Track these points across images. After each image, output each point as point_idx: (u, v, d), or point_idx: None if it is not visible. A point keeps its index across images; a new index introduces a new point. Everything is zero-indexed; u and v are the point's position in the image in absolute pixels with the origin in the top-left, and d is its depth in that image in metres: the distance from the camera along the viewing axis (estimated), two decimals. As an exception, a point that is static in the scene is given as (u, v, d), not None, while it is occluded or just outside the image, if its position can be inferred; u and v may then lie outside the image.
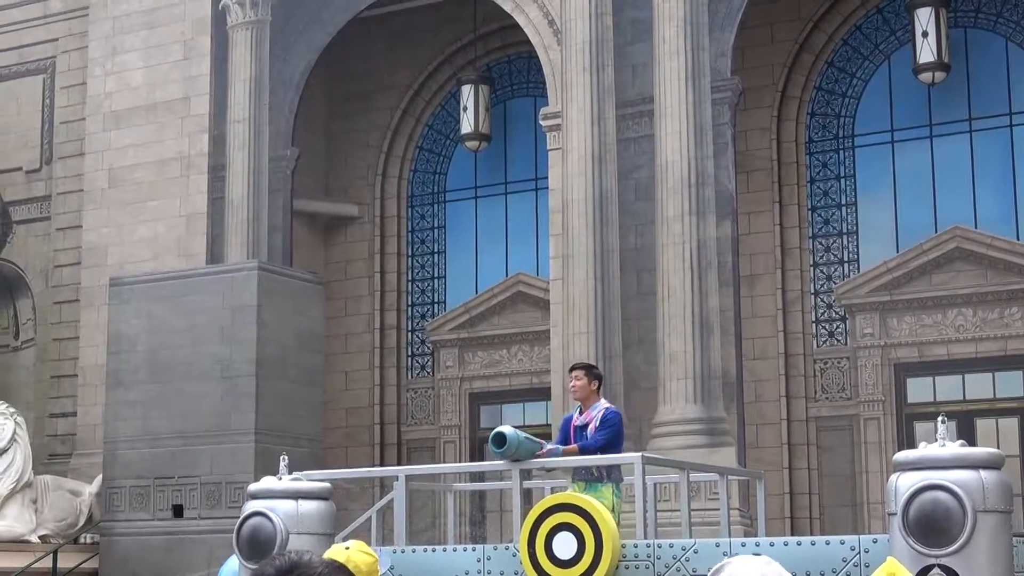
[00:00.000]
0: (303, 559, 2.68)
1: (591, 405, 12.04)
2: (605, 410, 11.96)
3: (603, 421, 11.81)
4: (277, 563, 2.67)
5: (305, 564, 2.65)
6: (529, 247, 23.53)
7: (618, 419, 11.97)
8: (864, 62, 22.14)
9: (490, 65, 24.60)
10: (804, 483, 21.22)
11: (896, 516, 9.11)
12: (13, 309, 25.68)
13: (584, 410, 12.10)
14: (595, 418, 11.87)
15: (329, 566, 2.67)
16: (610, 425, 11.80)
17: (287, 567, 2.64)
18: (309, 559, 2.68)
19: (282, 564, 2.66)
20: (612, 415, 11.94)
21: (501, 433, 11.37)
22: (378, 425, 24.28)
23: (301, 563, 2.66)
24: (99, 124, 23.24)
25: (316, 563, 2.67)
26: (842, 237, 21.90)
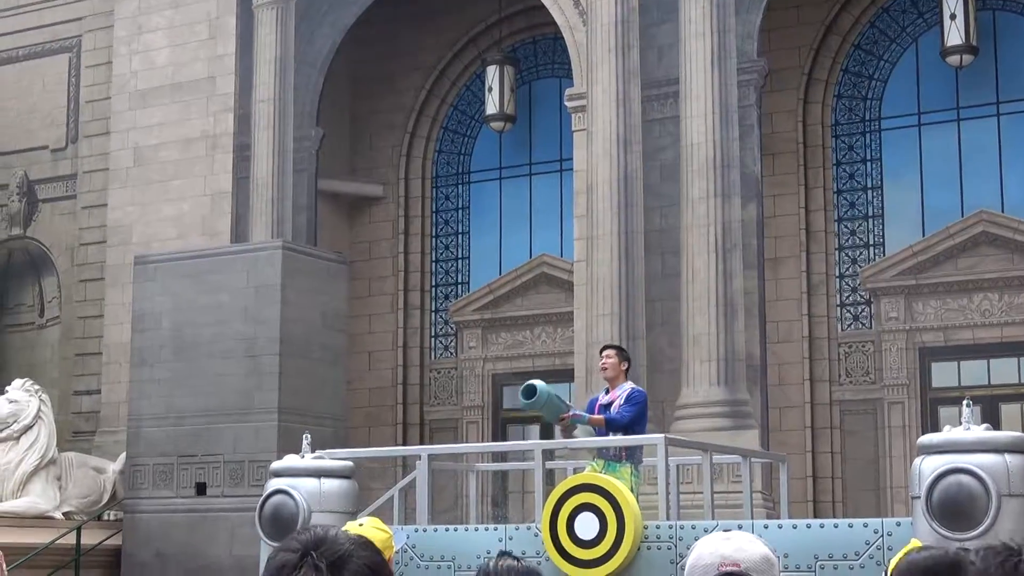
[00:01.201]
0: (328, 534, 2.63)
1: (617, 386, 12.04)
2: (631, 389, 11.97)
3: (628, 399, 11.81)
4: (302, 538, 2.62)
5: (331, 540, 2.61)
6: (553, 228, 23.50)
7: (643, 398, 11.97)
8: (891, 44, 22.03)
9: (515, 46, 24.55)
10: (827, 467, 21.17)
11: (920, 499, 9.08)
12: (38, 287, 25.77)
13: (611, 390, 12.11)
14: (620, 396, 11.87)
15: (355, 542, 2.62)
16: (635, 403, 11.80)
17: (313, 543, 2.59)
18: (335, 535, 2.63)
19: (307, 539, 2.60)
20: (637, 393, 11.94)
21: (532, 385, 11.42)
22: (401, 405, 24.31)
23: (327, 539, 2.61)
24: (124, 103, 23.28)
25: (342, 539, 2.62)
26: (868, 220, 21.81)
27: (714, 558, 3.32)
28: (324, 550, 2.57)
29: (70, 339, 24.48)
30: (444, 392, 24.33)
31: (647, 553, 10.21)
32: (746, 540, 3.38)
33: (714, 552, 3.34)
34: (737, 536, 3.39)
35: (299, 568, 2.55)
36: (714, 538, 3.39)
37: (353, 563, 2.56)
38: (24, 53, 26.02)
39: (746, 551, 3.33)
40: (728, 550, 3.33)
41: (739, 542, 3.36)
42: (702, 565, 3.33)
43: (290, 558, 2.57)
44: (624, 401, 11.79)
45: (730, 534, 3.40)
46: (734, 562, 3.29)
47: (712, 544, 3.37)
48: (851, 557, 9.41)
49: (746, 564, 3.30)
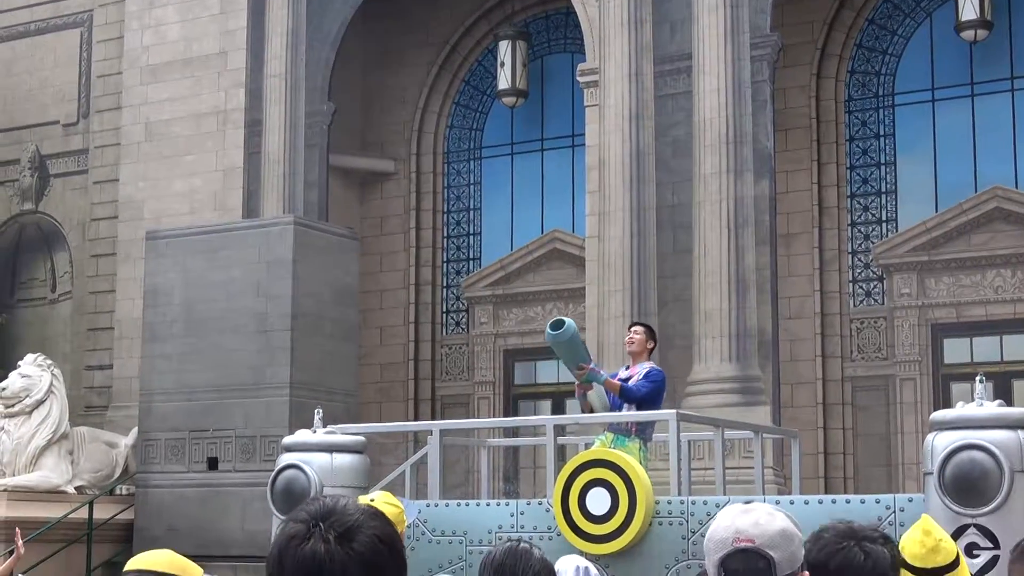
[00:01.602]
0: (338, 505, 2.57)
1: (639, 363, 12.00)
2: (651, 368, 11.93)
3: (647, 375, 11.77)
4: (311, 509, 2.56)
5: (340, 510, 2.54)
6: (565, 204, 23.46)
7: (661, 377, 11.94)
8: (905, 19, 21.92)
9: (527, 21, 24.48)
10: (839, 443, 21.15)
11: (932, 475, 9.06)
12: (50, 262, 25.80)
13: (631, 366, 12.07)
14: (639, 373, 11.83)
15: (365, 512, 2.56)
16: (653, 380, 11.77)
17: (322, 513, 2.53)
18: (345, 505, 2.57)
19: (316, 510, 2.55)
20: (656, 372, 11.91)
21: (561, 319, 11.40)
22: (412, 381, 24.32)
23: (336, 509, 2.55)
24: (136, 78, 23.26)
25: (352, 509, 2.56)
26: (881, 196, 21.75)
27: (729, 532, 3.25)
28: (333, 521, 2.51)
29: (82, 314, 24.51)
30: (455, 368, 24.33)
31: (658, 528, 10.20)
32: (764, 513, 3.29)
33: (730, 525, 3.26)
34: (756, 509, 3.30)
35: (308, 539, 2.50)
36: (733, 510, 3.31)
37: (363, 534, 2.50)
38: (36, 28, 26.01)
39: (762, 525, 3.24)
40: (744, 524, 3.25)
41: (757, 515, 3.27)
42: (717, 539, 3.26)
43: (299, 529, 2.51)
44: (643, 377, 11.76)
45: (750, 506, 3.31)
46: (748, 537, 3.22)
47: (729, 516, 3.29)
48: (863, 533, 9.39)
49: (761, 540, 3.22)
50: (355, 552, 2.48)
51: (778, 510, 3.30)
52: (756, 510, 3.28)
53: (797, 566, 3.26)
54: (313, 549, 2.48)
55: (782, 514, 3.30)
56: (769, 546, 3.21)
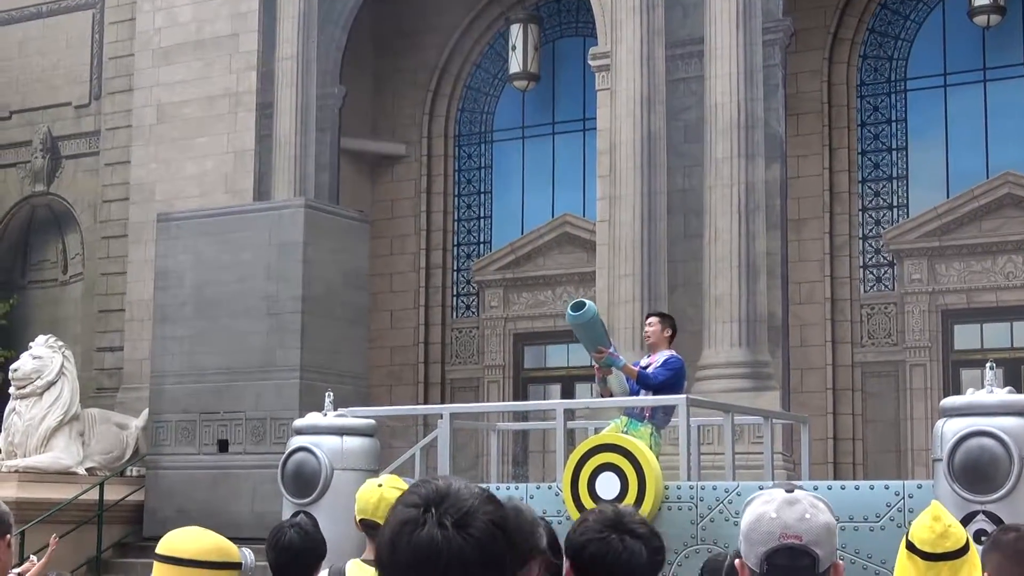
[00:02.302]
0: (452, 488, 2.44)
1: (659, 352, 12.00)
2: (670, 355, 11.92)
3: (664, 363, 11.77)
4: (423, 492, 2.44)
5: (455, 494, 2.43)
6: (576, 188, 23.45)
7: (680, 365, 11.92)
8: (918, 4, 21.86)
9: (539, 4, 24.44)
10: (848, 428, 21.16)
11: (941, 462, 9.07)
12: (62, 244, 25.85)
13: (651, 355, 12.07)
14: (657, 361, 11.83)
15: (479, 496, 2.44)
16: (670, 368, 11.76)
17: (435, 497, 2.42)
18: (458, 488, 2.44)
19: (429, 493, 2.43)
20: (674, 360, 11.89)
21: (582, 301, 11.40)
22: (422, 364, 24.35)
23: (451, 492, 2.43)
24: (148, 60, 23.28)
25: (466, 493, 2.44)
26: (892, 181, 21.72)
27: (776, 526, 3.15)
28: (448, 506, 2.40)
29: (93, 296, 24.56)
30: (465, 351, 24.35)
31: (668, 513, 10.22)
32: (809, 506, 3.19)
33: (776, 519, 3.16)
34: (801, 501, 3.19)
35: (423, 525, 2.39)
36: (775, 499, 3.20)
37: (479, 519, 2.40)
38: (48, 9, 26.03)
39: (808, 521, 3.15)
40: (791, 518, 3.15)
41: (802, 508, 3.17)
42: (764, 531, 3.17)
43: (412, 514, 2.41)
44: (660, 364, 11.75)
45: (794, 496, 3.21)
46: (796, 534, 3.13)
47: (774, 507, 3.19)
48: (872, 519, 9.40)
49: (807, 537, 3.14)
50: (472, 538, 2.38)
51: (819, 499, 3.23)
52: (801, 502, 3.19)
53: (835, 557, 3.22)
54: (429, 535, 2.38)
55: (823, 504, 3.23)
56: (815, 543, 3.15)
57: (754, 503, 3.22)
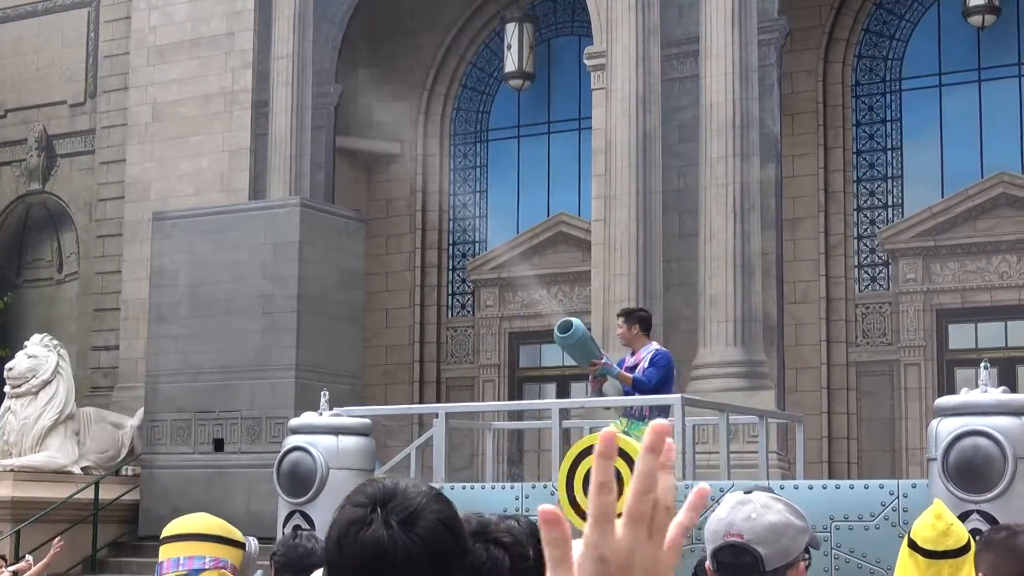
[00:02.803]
0: (399, 487, 2.43)
1: (641, 347, 12.01)
2: (655, 351, 11.93)
3: (652, 361, 11.78)
4: (371, 491, 2.44)
5: (402, 493, 2.42)
6: (571, 187, 23.45)
7: (667, 359, 11.94)
8: (913, 4, 21.88)
9: (535, 3, 24.44)
10: (843, 428, 21.18)
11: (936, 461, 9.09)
12: (57, 242, 25.84)
13: (634, 353, 12.08)
14: (644, 359, 11.84)
15: (426, 495, 2.45)
16: (660, 365, 11.77)
17: (383, 496, 2.41)
18: (406, 487, 2.44)
19: (376, 492, 2.43)
20: (661, 356, 11.90)
21: (569, 320, 11.40)
22: (418, 363, 24.35)
23: (398, 491, 2.42)
24: (143, 58, 23.27)
25: (413, 492, 2.43)
26: (887, 181, 21.74)
27: (722, 525, 3.26)
28: (395, 505, 2.40)
29: (88, 295, 24.55)
30: (461, 350, 24.36)
31: (662, 512, 10.23)
32: (759, 505, 3.27)
33: (724, 518, 3.27)
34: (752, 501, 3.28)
35: (369, 524, 2.40)
36: (731, 500, 3.31)
37: (426, 518, 2.40)
38: (43, 7, 26.01)
39: (753, 520, 3.23)
40: (737, 517, 3.24)
41: (751, 508, 3.26)
42: (712, 530, 3.28)
43: (359, 513, 2.41)
44: (648, 364, 11.76)
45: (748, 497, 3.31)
46: (738, 532, 3.22)
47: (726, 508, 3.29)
48: (866, 518, 9.42)
49: (749, 535, 3.22)
50: (419, 537, 2.39)
51: (776, 500, 3.29)
52: (752, 502, 3.27)
53: (792, 557, 3.26)
54: (376, 534, 2.38)
55: (780, 504, 3.29)
56: (757, 541, 3.21)
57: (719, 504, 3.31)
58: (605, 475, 1.55)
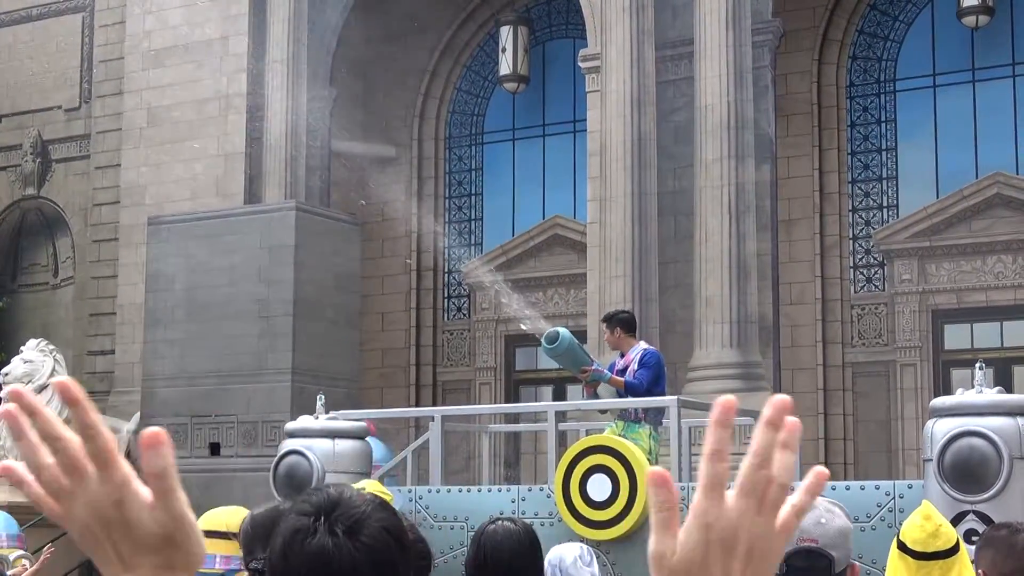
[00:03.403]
0: (344, 495, 2.43)
1: (629, 348, 12.02)
2: (643, 351, 11.94)
3: (641, 362, 11.79)
4: (315, 500, 2.43)
5: (347, 501, 2.42)
6: (567, 190, 23.46)
7: (656, 359, 11.94)
8: (907, 5, 21.91)
9: (529, 6, 24.46)
10: (839, 429, 21.19)
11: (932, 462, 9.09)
12: (52, 247, 25.83)
13: (624, 355, 12.09)
14: (633, 360, 11.85)
15: (371, 503, 2.44)
16: (649, 365, 11.78)
17: (327, 505, 2.41)
18: (350, 496, 2.44)
19: (321, 501, 2.42)
20: (650, 355, 11.91)
21: (556, 331, 11.43)
22: (414, 366, 24.35)
23: (342, 500, 2.42)
24: (138, 63, 23.27)
25: (357, 500, 2.43)
26: (882, 182, 21.76)
27: None
28: (339, 513, 2.39)
29: (84, 299, 24.54)
30: (457, 353, 24.36)
31: (659, 514, 10.24)
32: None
33: None
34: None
35: (314, 533, 2.38)
36: None
37: (371, 526, 2.40)
38: (38, 12, 26.01)
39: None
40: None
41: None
42: None
43: (303, 522, 2.40)
44: (638, 365, 11.77)
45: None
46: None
47: None
48: (862, 519, 9.43)
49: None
50: (364, 545, 2.38)
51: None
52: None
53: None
54: (321, 543, 2.38)
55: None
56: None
57: None
58: (718, 443, 1.54)
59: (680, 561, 1.49)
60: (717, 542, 1.50)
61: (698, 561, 1.49)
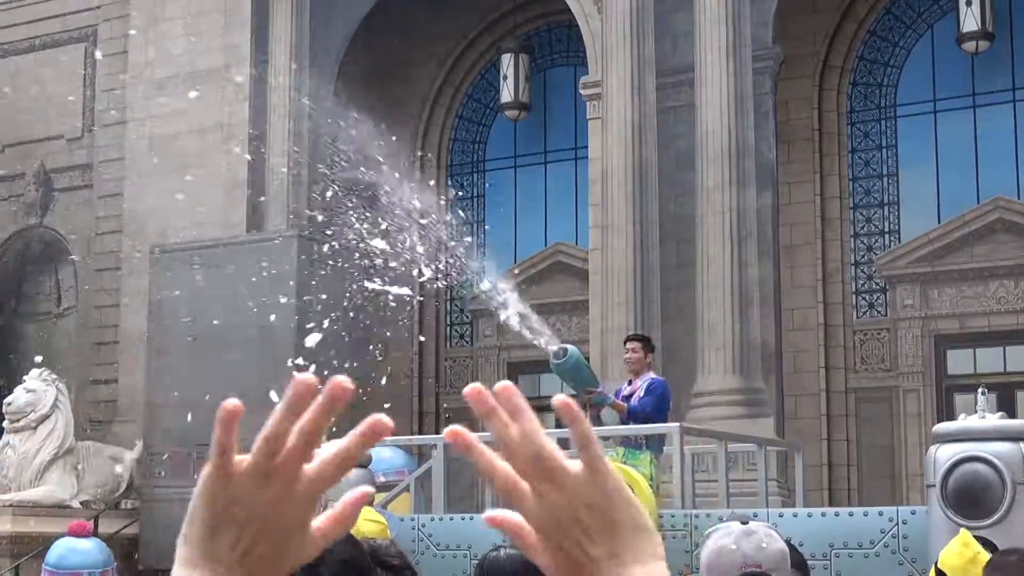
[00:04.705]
0: None
1: (640, 376, 12.05)
2: (651, 380, 11.97)
3: (648, 390, 11.82)
4: None
5: None
6: (568, 217, 23.49)
7: (663, 388, 11.97)
8: (906, 31, 21.97)
9: (530, 34, 24.53)
10: (842, 455, 21.16)
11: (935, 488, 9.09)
12: (55, 277, 25.85)
13: (633, 381, 12.12)
14: (640, 388, 11.88)
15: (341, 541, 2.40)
16: (656, 393, 11.80)
17: None
18: None
19: None
20: (657, 384, 11.95)
21: (564, 347, 11.46)
22: (416, 397, 24.33)
23: None
24: (140, 92, 23.33)
25: None
26: (883, 208, 21.78)
27: (736, 556, 3.30)
28: None
29: (87, 328, 24.55)
30: (460, 380, 24.34)
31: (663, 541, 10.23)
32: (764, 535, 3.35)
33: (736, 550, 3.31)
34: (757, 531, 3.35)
35: None
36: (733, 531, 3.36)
37: (332, 561, 2.37)
38: (40, 43, 26.09)
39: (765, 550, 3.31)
40: (749, 548, 3.31)
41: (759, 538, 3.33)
42: (726, 563, 3.31)
43: None
44: (644, 392, 11.79)
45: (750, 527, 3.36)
46: (756, 563, 3.28)
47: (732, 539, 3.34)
48: (866, 545, 9.42)
49: (767, 564, 3.29)
50: None
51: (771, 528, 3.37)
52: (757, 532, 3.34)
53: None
54: None
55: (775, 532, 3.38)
56: (773, 569, 3.29)
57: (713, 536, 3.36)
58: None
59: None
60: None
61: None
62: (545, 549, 1.42)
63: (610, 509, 1.40)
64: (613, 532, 1.39)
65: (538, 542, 1.43)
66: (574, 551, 1.39)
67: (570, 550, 1.40)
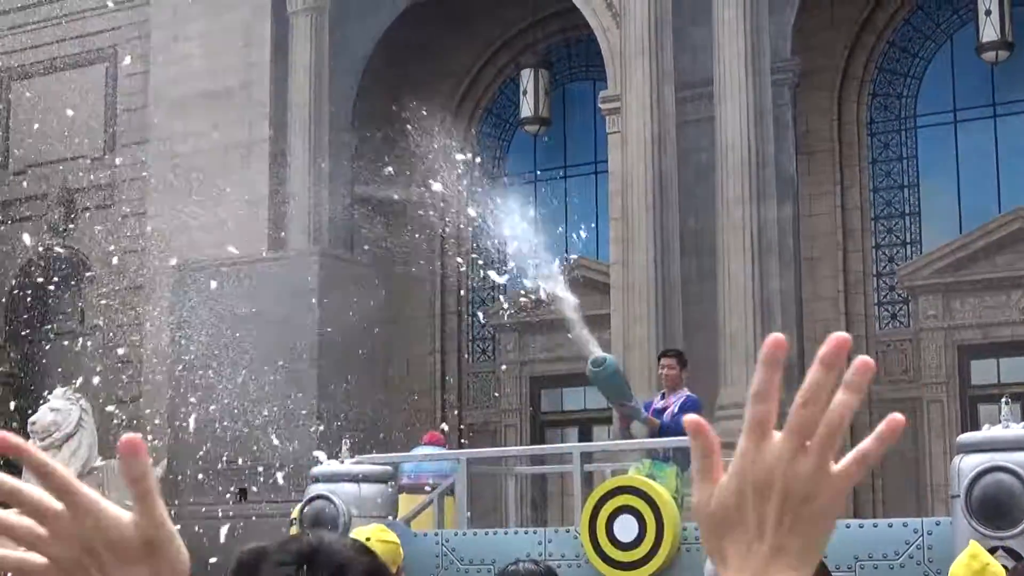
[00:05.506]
0: (323, 542, 2.36)
1: (675, 392, 12.06)
2: (686, 397, 11.99)
3: (682, 407, 11.82)
4: (294, 548, 2.35)
5: (327, 548, 2.34)
6: (589, 231, 23.49)
7: (698, 406, 11.98)
8: (926, 42, 21.94)
9: (549, 49, 24.57)
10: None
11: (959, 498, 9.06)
12: (78, 296, 25.95)
13: (667, 395, 12.13)
14: (675, 404, 11.88)
15: (352, 547, 2.39)
16: (689, 410, 11.79)
17: (308, 553, 2.32)
18: (330, 542, 2.37)
19: (301, 549, 2.34)
20: (692, 402, 11.96)
21: (604, 356, 11.49)
22: (439, 410, 24.34)
23: (322, 547, 2.34)
24: (161, 112, 23.43)
25: (338, 545, 2.37)
26: (904, 218, 21.74)
27: None
28: (321, 561, 2.31)
29: (110, 347, 24.63)
30: (482, 396, 24.35)
31: (686, 555, 10.22)
32: None
33: None
34: None
35: None
36: None
37: (353, 572, 2.34)
38: (61, 63, 26.23)
39: None
40: None
41: None
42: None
43: (285, 572, 2.31)
44: (678, 409, 11.79)
45: None
46: None
47: None
48: (891, 557, 9.39)
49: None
50: None
51: None
52: None
53: None
54: None
55: None
56: None
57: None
58: (759, 384, 1.47)
59: (717, 507, 1.45)
60: (751, 485, 1.46)
61: (732, 506, 1.45)
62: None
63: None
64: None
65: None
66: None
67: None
